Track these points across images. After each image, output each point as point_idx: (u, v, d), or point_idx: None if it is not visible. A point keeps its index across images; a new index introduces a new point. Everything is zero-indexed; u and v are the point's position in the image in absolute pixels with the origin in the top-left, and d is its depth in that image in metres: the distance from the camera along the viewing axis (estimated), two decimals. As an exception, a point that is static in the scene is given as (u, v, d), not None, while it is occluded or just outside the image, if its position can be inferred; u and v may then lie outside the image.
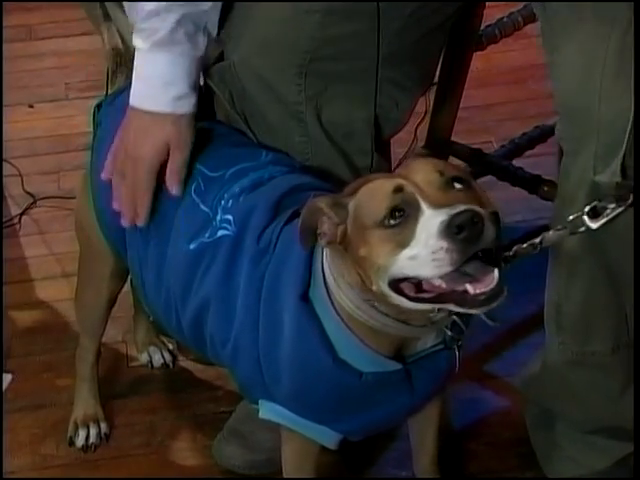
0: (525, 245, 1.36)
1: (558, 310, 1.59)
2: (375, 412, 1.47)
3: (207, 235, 1.52)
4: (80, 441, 1.89)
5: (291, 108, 1.63)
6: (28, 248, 2.37)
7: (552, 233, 1.36)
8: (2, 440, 1.90)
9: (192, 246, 1.53)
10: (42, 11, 3.18)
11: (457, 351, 1.42)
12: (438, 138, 2.07)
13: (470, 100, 2.20)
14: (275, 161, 1.60)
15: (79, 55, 2.95)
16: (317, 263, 1.40)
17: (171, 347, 2.05)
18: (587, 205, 1.35)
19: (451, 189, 1.26)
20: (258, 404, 1.53)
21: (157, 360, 2.04)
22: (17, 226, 2.42)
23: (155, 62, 1.54)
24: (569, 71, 1.40)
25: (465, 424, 1.91)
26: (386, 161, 1.74)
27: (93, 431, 1.89)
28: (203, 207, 1.54)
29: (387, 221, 1.25)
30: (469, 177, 1.30)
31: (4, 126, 2.63)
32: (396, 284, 1.27)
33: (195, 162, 1.57)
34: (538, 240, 1.36)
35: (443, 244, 1.19)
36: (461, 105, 2.05)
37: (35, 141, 2.67)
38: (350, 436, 1.56)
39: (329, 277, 1.37)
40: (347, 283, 1.35)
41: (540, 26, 1.47)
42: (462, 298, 1.24)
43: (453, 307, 1.27)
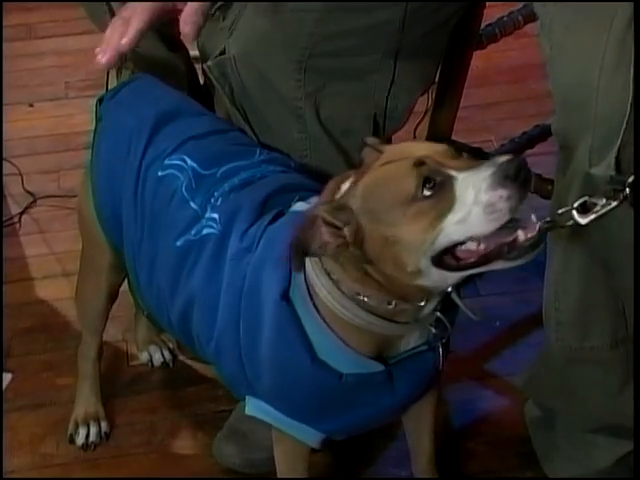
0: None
1: (556, 306, 1.60)
2: (356, 413, 1.47)
3: (193, 233, 1.52)
4: (80, 439, 1.89)
5: (290, 104, 1.63)
6: (28, 247, 2.36)
7: (542, 224, 1.35)
8: (2, 439, 1.90)
9: (179, 243, 1.54)
10: (42, 10, 3.17)
11: (441, 349, 1.42)
12: (438, 137, 2.07)
13: (470, 99, 2.20)
14: (269, 160, 1.60)
15: (79, 54, 2.94)
16: None
17: (171, 346, 2.05)
18: (577, 200, 1.36)
19: (462, 157, 1.27)
20: (245, 400, 1.54)
21: (157, 359, 2.04)
22: (17, 225, 2.42)
23: None
24: (568, 65, 1.40)
25: (465, 423, 1.91)
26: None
27: (93, 430, 1.90)
28: (192, 205, 1.54)
29: (420, 194, 1.23)
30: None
31: (4, 125, 2.63)
32: (440, 257, 1.26)
33: (188, 158, 1.58)
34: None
35: (502, 192, 1.20)
36: (461, 104, 2.05)
37: (35, 140, 2.67)
38: (333, 436, 1.56)
39: (311, 277, 1.36)
40: (335, 281, 1.34)
41: (539, 22, 1.47)
42: (509, 250, 1.24)
43: (501, 264, 1.26)
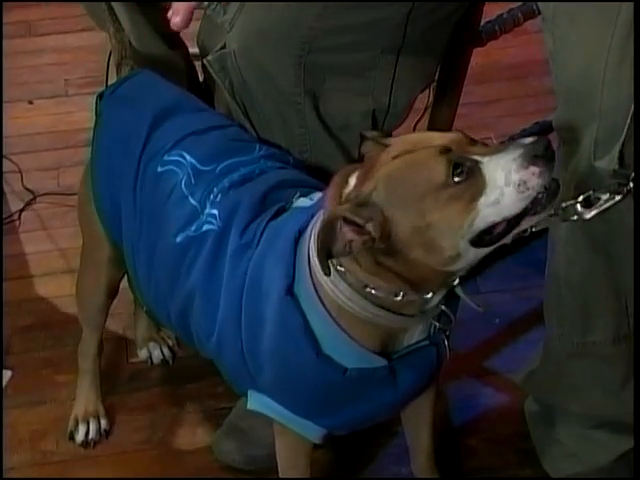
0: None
1: (558, 300, 1.60)
2: (358, 408, 1.47)
3: (193, 229, 1.53)
4: (80, 437, 1.89)
5: (290, 99, 1.63)
6: (28, 244, 2.36)
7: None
8: (2, 436, 1.90)
9: (178, 239, 1.54)
10: (41, 7, 3.17)
11: (446, 341, 1.44)
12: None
13: (470, 96, 2.20)
14: (268, 156, 1.60)
15: (78, 51, 2.94)
16: (302, 258, 1.39)
17: (171, 343, 2.04)
18: (581, 194, 1.36)
19: (477, 143, 1.30)
20: (247, 396, 1.54)
21: (157, 356, 2.04)
22: (17, 222, 2.41)
23: None
24: (572, 57, 1.41)
25: (464, 420, 1.91)
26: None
27: (93, 427, 1.90)
28: (192, 200, 1.54)
29: (451, 180, 1.25)
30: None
31: (4, 122, 2.63)
32: (478, 238, 1.27)
33: (187, 154, 1.57)
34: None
35: (534, 170, 1.23)
36: (461, 101, 2.05)
37: (35, 137, 2.67)
38: (334, 431, 1.56)
39: (317, 270, 1.35)
40: (341, 273, 1.33)
41: (542, 15, 1.47)
42: (532, 205, 1.26)
43: (528, 222, 1.28)
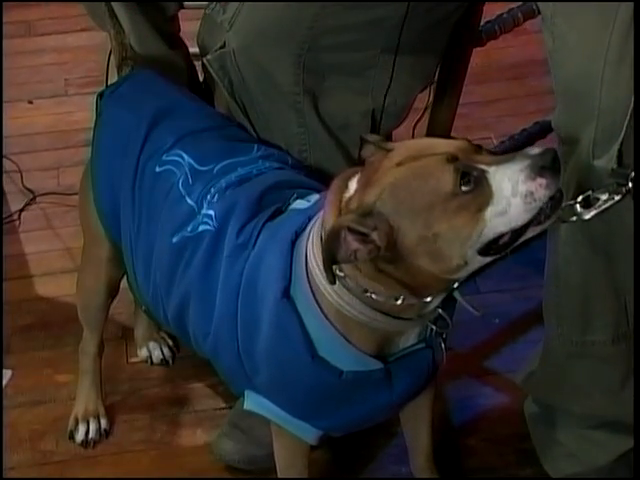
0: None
1: (557, 300, 1.60)
2: (354, 410, 1.47)
3: (189, 229, 1.53)
4: (80, 436, 1.89)
5: (289, 98, 1.63)
6: (28, 244, 2.36)
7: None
8: (2, 436, 1.90)
9: (175, 239, 1.54)
10: (41, 7, 3.17)
11: (442, 344, 1.44)
12: (437, 134, 2.07)
13: (469, 96, 2.20)
14: (266, 156, 1.60)
15: (78, 51, 2.94)
16: (299, 260, 1.38)
17: (171, 343, 2.04)
18: (580, 194, 1.36)
19: (482, 151, 1.29)
20: (244, 396, 1.54)
21: (156, 356, 2.04)
22: (17, 222, 2.42)
23: None
24: (571, 56, 1.41)
25: (464, 420, 1.91)
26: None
27: (93, 427, 1.90)
28: (189, 201, 1.54)
29: (459, 189, 1.24)
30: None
31: (4, 122, 2.63)
32: (486, 247, 1.26)
33: (185, 154, 1.58)
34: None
35: (541, 181, 1.23)
36: (460, 101, 2.05)
37: (35, 137, 2.67)
38: (330, 432, 1.56)
39: (315, 274, 1.36)
40: (340, 278, 1.32)
41: (542, 15, 1.47)
42: (536, 215, 1.26)
43: (532, 231, 1.27)
